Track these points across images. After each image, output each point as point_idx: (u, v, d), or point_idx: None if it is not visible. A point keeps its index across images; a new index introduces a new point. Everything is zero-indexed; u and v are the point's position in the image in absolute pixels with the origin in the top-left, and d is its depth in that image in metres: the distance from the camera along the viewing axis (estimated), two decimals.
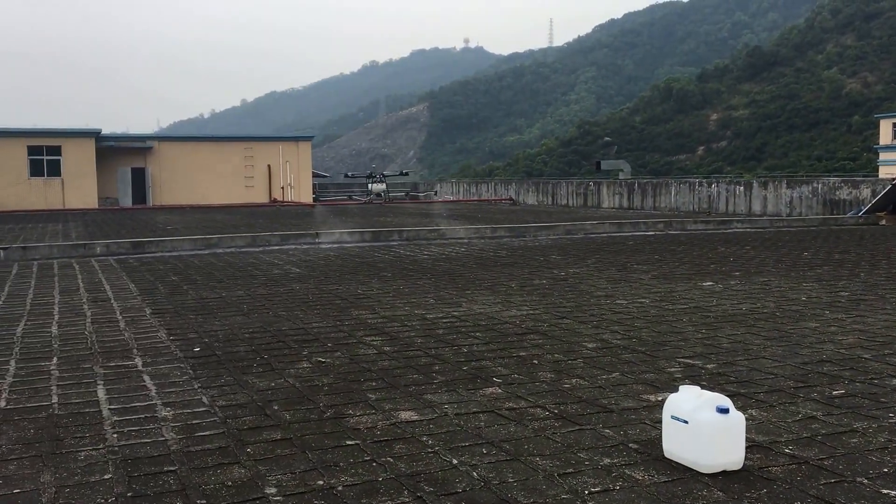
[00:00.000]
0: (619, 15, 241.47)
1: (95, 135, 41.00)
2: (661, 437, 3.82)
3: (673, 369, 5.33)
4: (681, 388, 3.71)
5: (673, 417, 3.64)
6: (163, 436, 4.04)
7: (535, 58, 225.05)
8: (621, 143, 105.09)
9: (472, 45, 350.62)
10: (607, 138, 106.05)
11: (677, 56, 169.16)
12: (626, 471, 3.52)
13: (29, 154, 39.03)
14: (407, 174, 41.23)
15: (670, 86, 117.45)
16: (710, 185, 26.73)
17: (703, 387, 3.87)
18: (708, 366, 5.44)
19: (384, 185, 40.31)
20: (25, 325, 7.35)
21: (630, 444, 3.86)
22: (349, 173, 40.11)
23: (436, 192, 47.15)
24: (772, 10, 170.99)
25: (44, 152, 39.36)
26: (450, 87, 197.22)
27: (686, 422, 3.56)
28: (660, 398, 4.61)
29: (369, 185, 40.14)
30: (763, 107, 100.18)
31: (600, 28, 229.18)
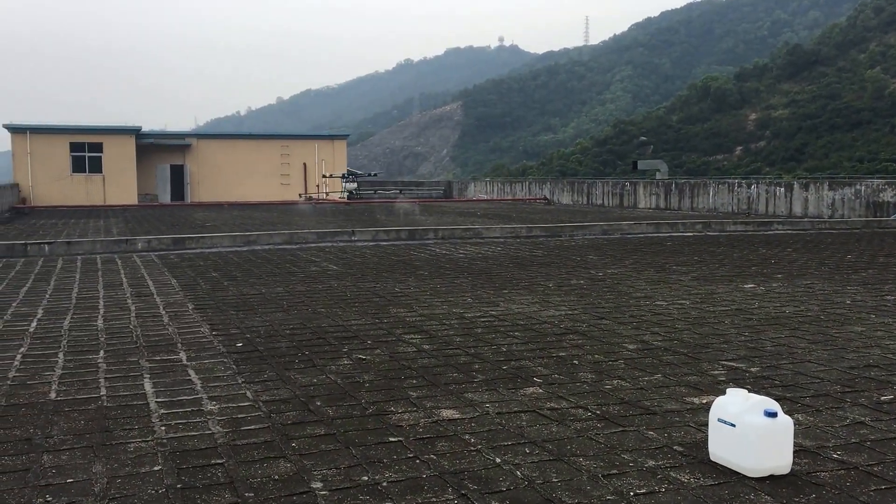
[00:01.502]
0: (655, 13, 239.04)
1: (136, 132, 41.68)
2: (706, 439, 3.79)
3: (716, 372, 5.28)
4: (728, 390, 3.67)
5: (720, 420, 3.61)
6: (209, 429, 4.11)
7: (571, 56, 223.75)
8: (657, 143, 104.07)
9: (507, 43, 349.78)
10: (643, 138, 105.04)
11: (715, 55, 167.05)
12: (672, 473, 3.50)
13: (71, 151, 39.80)
14: (376, 175, 42.24)
15: (708, 85, 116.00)
16: (749, 185, 26.37)
17: (748, 390, 3.82)
18: (752, 369, 5.37)
19: (356, 184, 41.04)
20: (72, 318, 7.50)
21: (674, 447, 3.84)
22: (345, 173, 41.13)
23: (436, 188, 48.22)
24: (813, 7, 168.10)
25: (86, 149, 40.11)
26: (484, 85, 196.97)
27: (733, 425, 3.53)
28: (704, 401, 4.57)
29: (343, 184, 40.87)
30: (803, 107, 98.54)
31: (637, 26, 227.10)
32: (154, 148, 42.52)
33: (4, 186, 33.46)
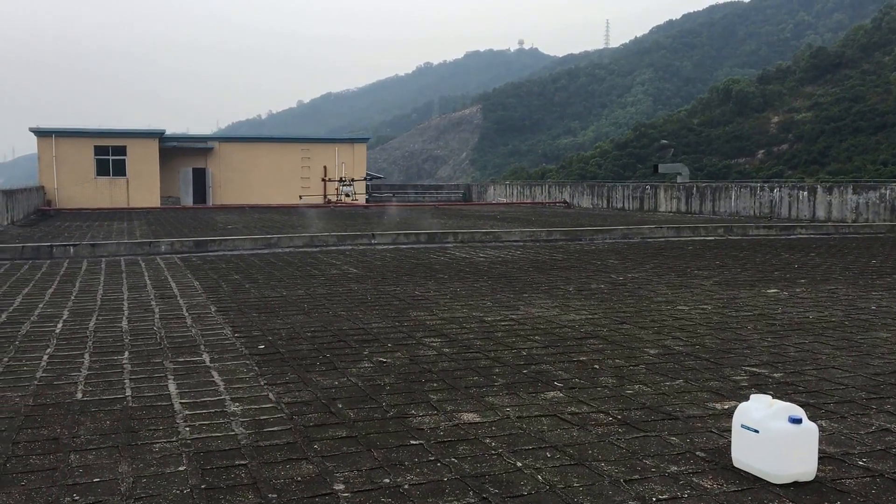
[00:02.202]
0: (677, 15, 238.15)
1: (159, 136, 42.05)
2: (729, 445, 3.78)
3: (739, 378, 5.25)
4: (751, 396, 3.66)
5: (743, 426, 3.60)
6: (233, 430, 4.15)
7: (591, 59, 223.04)
8: (678, 146, 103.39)
9: (527, 46, 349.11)
10: (664, 141, 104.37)
11: (737, 57, 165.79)
12: (694, 479, 3.49)
13: (96, 154, 40.21)
14: (379, 178, 43.00)
15: (730, 87, 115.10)
16: (771, 189, 26.15)
17: (771, 396, 3.80)
18: (775, 375, 5.34)
19: (352, 187, 41.64)
20: (97, 319, 7.59)
21: (697, 452, 3.82)
22: (342, 177, 42.15)
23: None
24: (837, 10, 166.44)
25: (110, 152, 40.51)
26: (503, 88, 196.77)
27: (757, 431, 3.52)
28: (726, 406, 4.55)
29: (341, 188, 41.52)
30: (827, 109, 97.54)
31: (658, 29, 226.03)
32: (177, 151, 42.87)
33: (30, 189, 33.87)
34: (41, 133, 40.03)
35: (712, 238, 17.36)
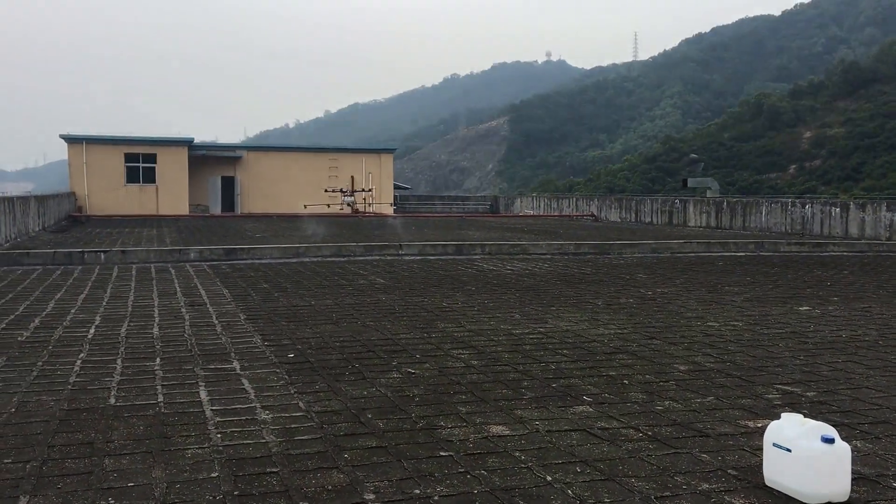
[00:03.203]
0: (706, 28, 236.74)
1: (188, 144, 42.52)
2: (760, 464, 3.75)
3: (771, 396, 5.20)
4: (783, 415, 3.62)
5: (775, 445, 3.57)
6: (264, 438, 4.18)
7: (619, 72, 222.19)
8: (708, 160, 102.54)
9: (555, 58, 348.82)
10: (693, 155, 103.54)
11: (768, 71, 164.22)
12: (726, 497, 3.46)
13: (126, 161, 40.70)
14: (354, 191, 43.69)
15: (761, 101, 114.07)
16: (803, 205, 25.84)
17: (804, 415, 3.76)
18: (808, 393, 5.28)
19: (353, 197, 42.23)
20: (129, 325, 7.69)
21: (728, 470, 3.79)
22: (343, 188, 42.90)
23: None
24: (869, 24, 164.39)
25: (140, 160, 41.01)
26: (531, 100, 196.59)
27: (789, 450, 3.49)
28: (758, 425, 4.51)
29: (343, 199, 42.26)
30: (860, 125, 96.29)
31: (687, 42, 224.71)
32: (206, 159, 43.32)
33: (62, 195, 34.39)
34: (72, 140, 40.58)
35: (743, 254, 17.19)
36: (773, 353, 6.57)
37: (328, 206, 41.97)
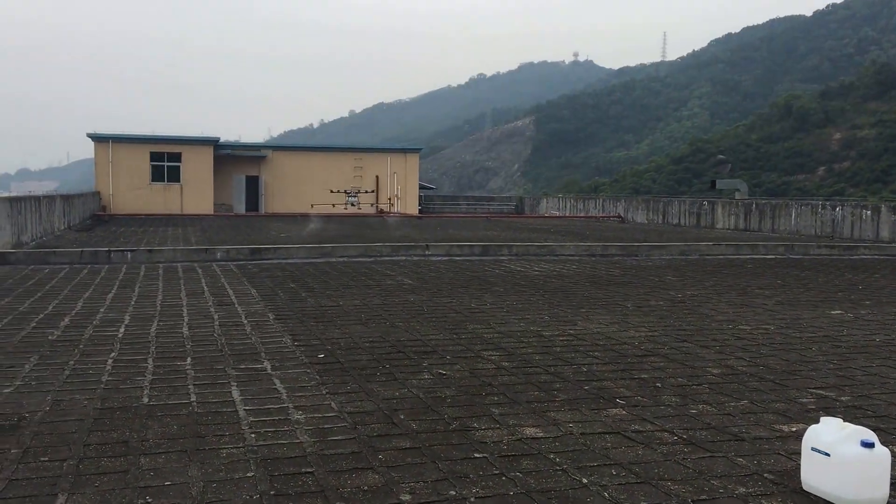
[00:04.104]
0: (736, 29, 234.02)
1: (214, 143, 42.77)
2: (797, 468, 3.70)
3: (805, 400, 5.13)
4: (822, 419, 3.58)
5: (813, 449, 3.52)
6: (298, 438, 4.20)
7: (647, 72, 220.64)
8: (735, 162, 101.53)
9: (582, 58, 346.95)
10: (721, 156, 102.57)
11: (798, 72, 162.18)
12: (763, 501, 3.42)
13: (151, 160, 40.97)
14: (358, 192, 43.99)
15: (790, 103, 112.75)
16: (833, 207, 25.49)
17: (842, 420, 3.71)
18: (842, 398, 5.20)
19: (356, 197, 42.63)
20: (158, 325, 7.75)
21: (765, 475, 3.75)
22: (348, 189, 43.41)
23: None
24: None
25: (165, 158, 41.28)
26: (557, 100, 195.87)
27: (828, 454, 3.44)
28: (793, 429, 4.45)
29: (348, 198, 42.73)
30: (891, 127, 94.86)
31: (716, 42, 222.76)
32: (230, 159, 43.53)
33: (87, 194, 34.69)
34: (98, 138, 40.93)
35: (772, 256, 16.99)
36: (806, 356, 6.49)
37: (333, 205, 42.26)
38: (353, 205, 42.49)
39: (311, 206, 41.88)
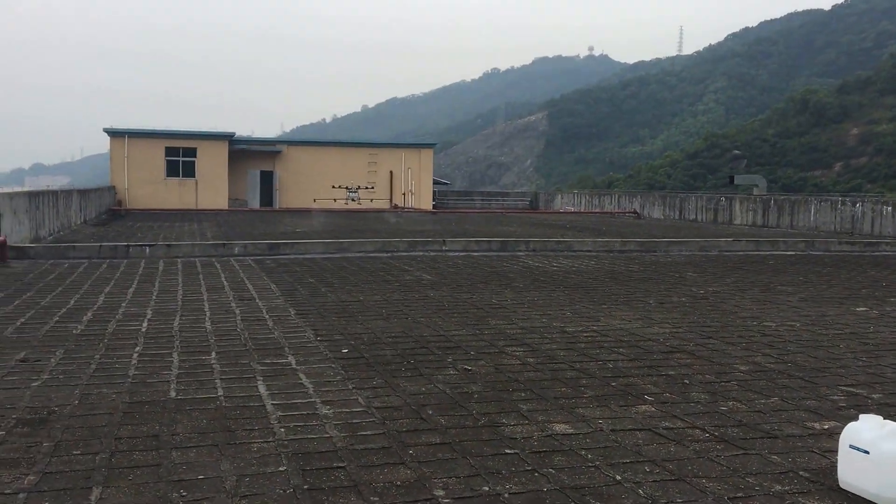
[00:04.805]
0: (753, 23, 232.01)
1: (229, 138, 42.83)
2: (832, 466, 3.66)
3: (836, 397, 5.07)
4: (861, 416, 3.53)
5: (852, 447, 3.47)
6: (327, 433, 4.19)
7: (662, 66, 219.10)
8: (751, 157, 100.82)
9: (597, 53, 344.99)
10: (736, 151, 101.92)
11: (816, 66, 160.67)
12: (800, 499, 3.38)
13: (166, 155, 41.03)
14: (358, 188, 44.02)
15: (807, 97, 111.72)
16: (853, 203, 25.25)
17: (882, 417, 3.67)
18: (873, 395, 5.14)
19: (356, 193, 42.54)
20: (181, 319, 7.77)
21: (800, 472, 3.70)
22: (348, 185, 43.71)
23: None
24: None
25: (180, 154, 41.35)
26: (571, 95, 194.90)
27: (867, 452, 3.39)
28: (826, 427, 4.41)
29: (348, 194, 42.91)
30: None
31: (733, 36, 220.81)
32: (245, 154, 43.56)
33: (102, 189, 34.81)
34: (114, 133, 41.04)
35: (792, 253, 16.86)
36: (835, 354, 6.42)
37: (334, 200, 42.38)
38: (353, 200, 42.72)
39: (314, 200, 42.08)
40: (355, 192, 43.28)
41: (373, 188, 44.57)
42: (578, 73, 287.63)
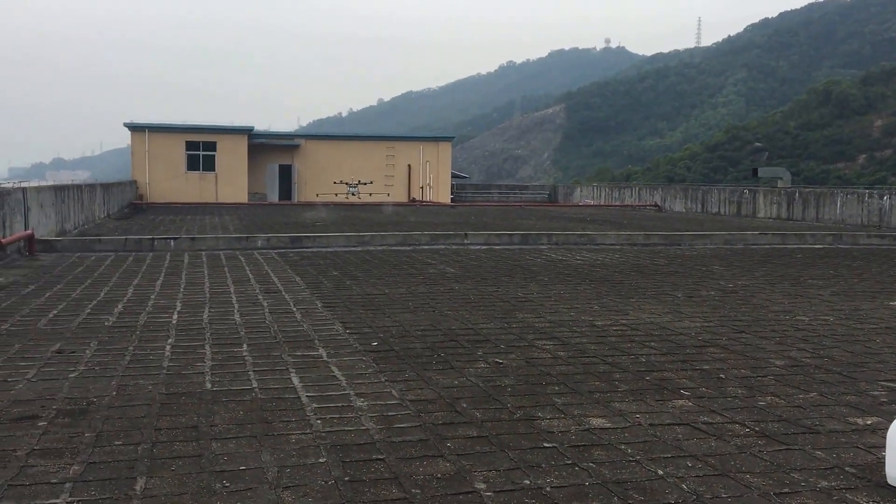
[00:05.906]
0: (773, 14, 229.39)
1: (248, 132, 42.99)
2: (878, 462, 3.61)
3: (876, 392, 5.01)
4: None
5: None
6: (363, 425, 4.18)
7: (681, 58, 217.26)
8: (773, 150, 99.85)
9: (614, 45, 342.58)
10: (758, 144, 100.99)
11: (838, 57, 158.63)
12: (848, 495, 3.33)
13: (187, 149, 41.24)
14: (358, 183, 44.24)
15: (829, 89, 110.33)
16: (881, 196, 24.94)
17: None
18: None
19: (357, 188, 43.47)
20: (210, 312, 7.80)
21: (846, 468, 3.65)
22: (348, 181, 43.81)
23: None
24: None
25: (200, 147, 41.53)
26: (588, 87, 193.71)
27: None
28: (868, 422, 4.35)
29: (349, 189, 43.03)
30: None
31: (753, 28, 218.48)
32: (264, 148, 43.71)
33: (124, 183, 35.08)
34: (135, 128, 41.30)
35: (820, 246, 16.68)
36: (871, 348, 6.34)
37: (336, 194, 42.50)
38: (353, 195, 43.03)
39: (317, 195, 42.28)
40: (356, 186, 43.57)
41: (371, 183, 44.82)
42: (595, 65, 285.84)
